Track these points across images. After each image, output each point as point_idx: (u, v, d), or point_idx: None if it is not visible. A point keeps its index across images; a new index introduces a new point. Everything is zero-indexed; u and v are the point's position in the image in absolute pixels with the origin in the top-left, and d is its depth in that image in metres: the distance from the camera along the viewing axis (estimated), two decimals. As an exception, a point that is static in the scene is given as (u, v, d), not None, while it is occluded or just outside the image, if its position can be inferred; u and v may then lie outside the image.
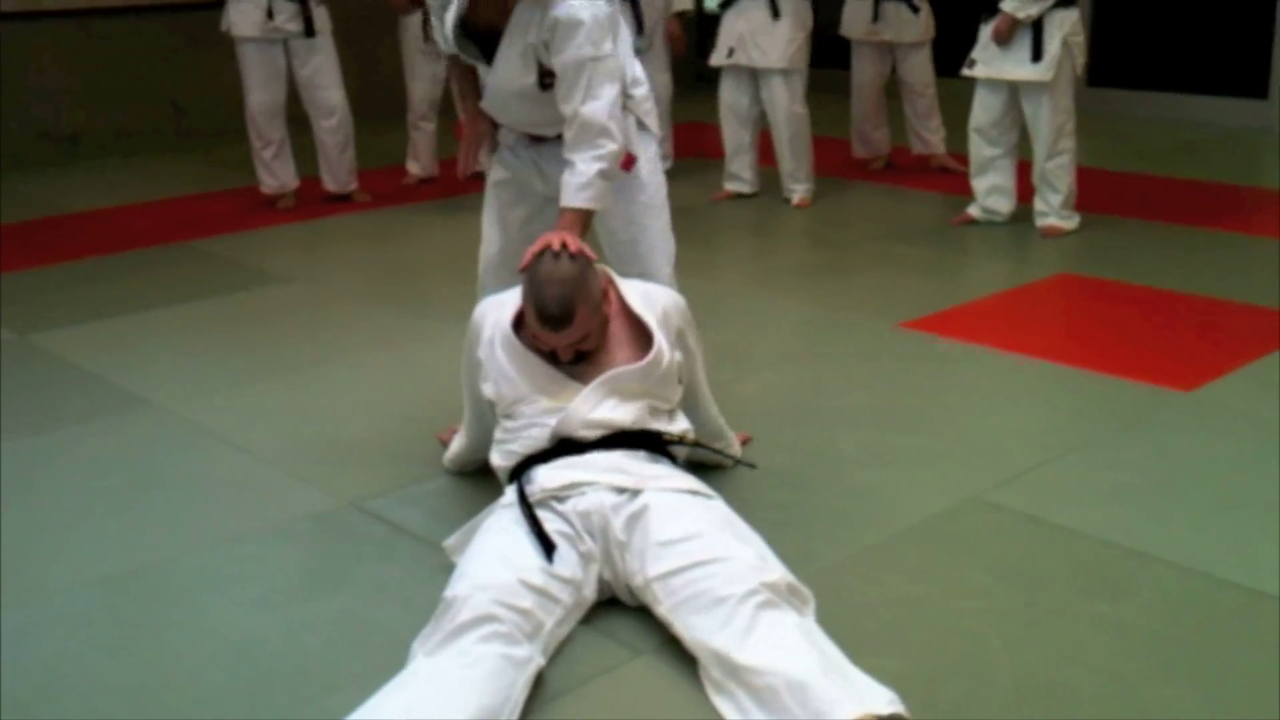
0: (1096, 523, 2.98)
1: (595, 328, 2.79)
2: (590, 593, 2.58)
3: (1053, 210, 5.58)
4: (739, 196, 6.48)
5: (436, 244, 5.81)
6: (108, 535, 3.07)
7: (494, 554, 2.51)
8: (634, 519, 2.57)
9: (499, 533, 2.60)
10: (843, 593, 2.70)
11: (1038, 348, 4.19)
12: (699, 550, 2.46)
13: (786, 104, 6.15)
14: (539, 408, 2.80)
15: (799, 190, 6.30)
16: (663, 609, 2.46)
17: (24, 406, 3.91)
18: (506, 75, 3.04)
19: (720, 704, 2.28)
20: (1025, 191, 5.72)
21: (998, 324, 4.48)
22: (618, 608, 2.62)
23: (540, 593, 2.44)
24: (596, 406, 2.77)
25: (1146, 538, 2.91)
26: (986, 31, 5.48)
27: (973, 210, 5.81)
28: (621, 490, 2.63)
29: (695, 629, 2.36)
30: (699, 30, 9.58)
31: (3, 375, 4.19)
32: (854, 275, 5.28)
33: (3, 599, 2.77)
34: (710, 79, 6.66)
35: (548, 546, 2.52)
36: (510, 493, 2.73)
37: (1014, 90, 5.51)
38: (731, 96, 6.32)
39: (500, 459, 2.87)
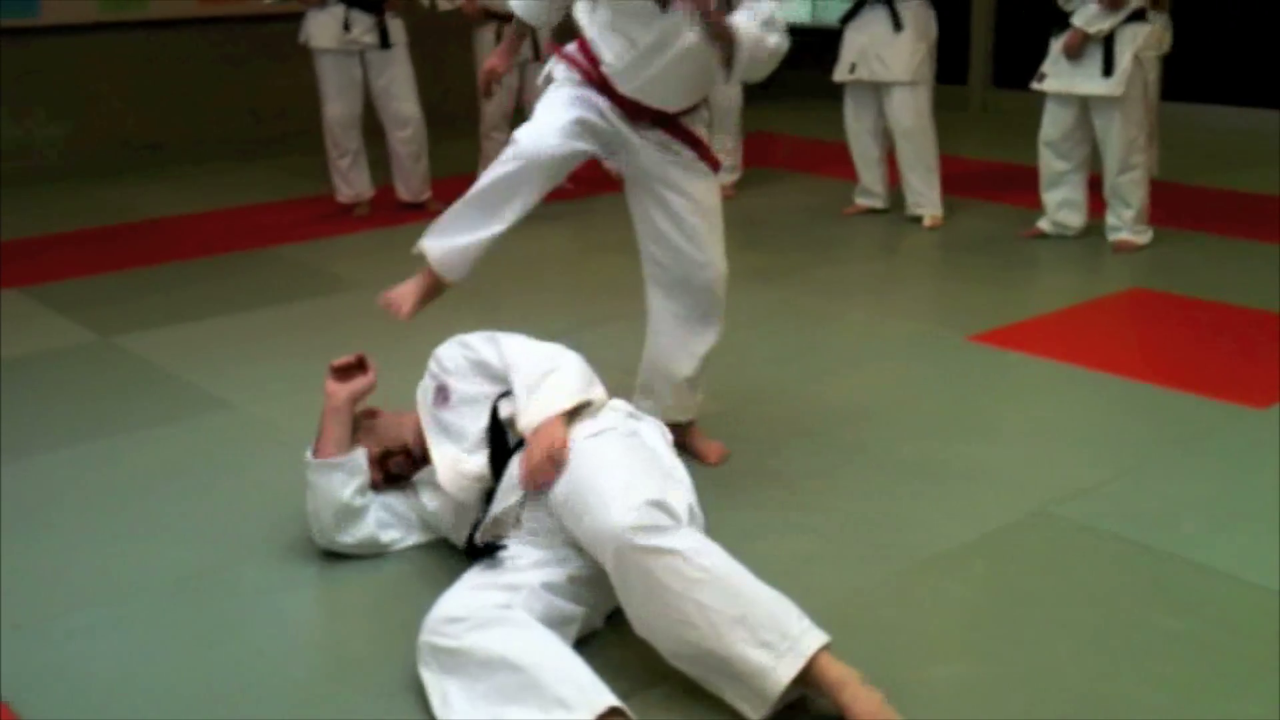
0: (1165, 537, 2.98)
1: None
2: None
3: (1125, 225, 5.55)
4: (871, 211, 6.35)
5: (507, 251, 5.81)
6: (185, 535, 3.14)
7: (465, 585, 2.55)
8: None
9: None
10: (909, 600, 2.72)
11: (1109, 362, 4.17)
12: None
13: (911, 118, 6.00)
14: None
15: (928, 209, 6.12)
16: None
17: (108, 406, 4.02)
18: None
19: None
20: (1097, 205, 5.69)
21: (1069, 338, 4.46)
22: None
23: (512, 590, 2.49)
24: None
25: (1215, 553, 2.90)
26: (1057, 45, 5.47)
27: (1043, 224, 5.79)
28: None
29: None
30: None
31: (87, 376, 4.32)
32: (925, 286, 5.28)
33: (72, 599, 2.86)
34: (769, 89, 6.58)
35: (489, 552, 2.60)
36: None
37: (1085, 104, 5.49)
38: (855, 113, 6.21)
39: None
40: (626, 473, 2.47)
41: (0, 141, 7.72)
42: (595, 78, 3.15)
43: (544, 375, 2.75)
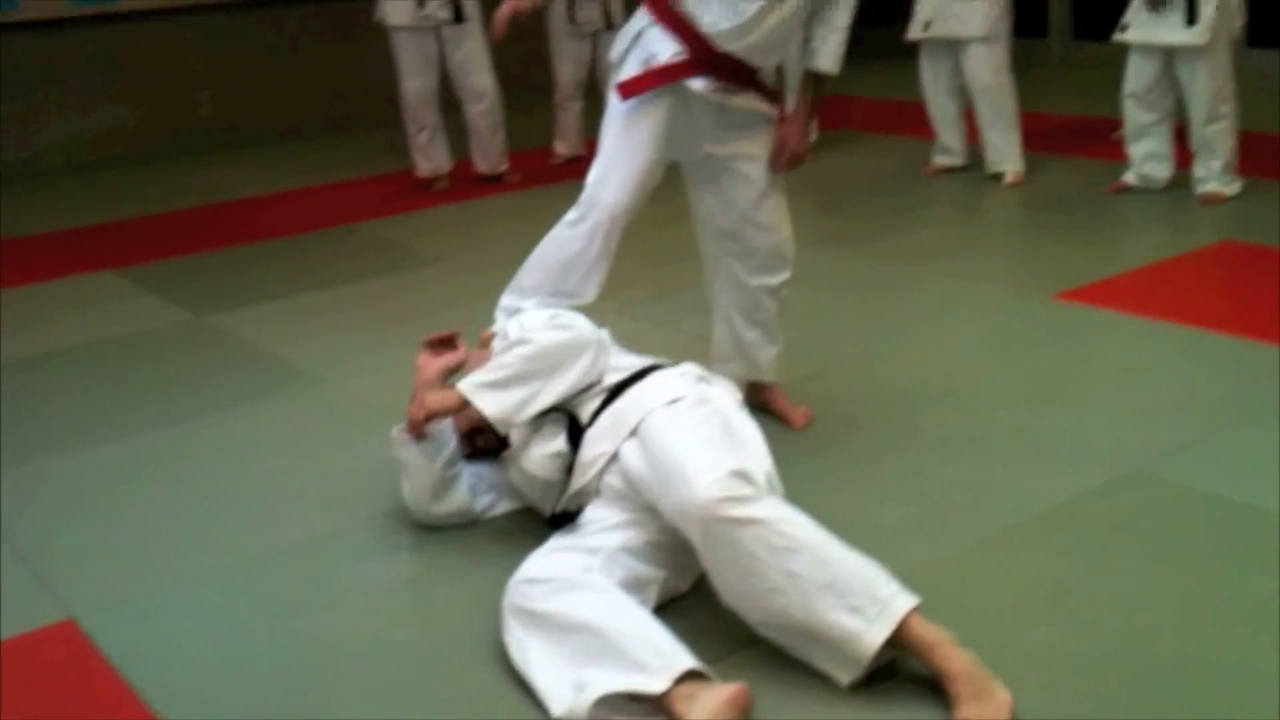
0: (1262, 495, 2.93)
1: None
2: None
3: (1213, 176, 5.44)
4: (950, 170, 6.32)
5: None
6: (282, 507, 3.21)
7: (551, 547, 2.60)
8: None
9: None
10: (1000, 564, 2.71)
11: (1200, 317, 4.10)
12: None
13: (989, 74, 5.92)
14: None
15: (1009, 166, 6.05)
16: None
17: (207, 382, 4.12)
18: None
19: None
20: (1184, 157, 5.58)
21: (1158, 293, 4.39)
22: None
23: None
24: None
25: (1315, 509, 2.85)
26: (1140, -5, 5.36)
27: (1129, 177, 5.69)
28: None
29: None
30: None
31: (186, 353, 4.43)
32: (1009, 245, 5.22)
33: (174, 572, 2.94)
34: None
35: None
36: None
37: (1168, 55, 5.38)
38: (931, 71, 6.15)
39: None
40: (702, 443, 2.46)
41: (82, 127, 7.89)
42: (691, 49, 3.07)
43: (508, 349, 2.80)
